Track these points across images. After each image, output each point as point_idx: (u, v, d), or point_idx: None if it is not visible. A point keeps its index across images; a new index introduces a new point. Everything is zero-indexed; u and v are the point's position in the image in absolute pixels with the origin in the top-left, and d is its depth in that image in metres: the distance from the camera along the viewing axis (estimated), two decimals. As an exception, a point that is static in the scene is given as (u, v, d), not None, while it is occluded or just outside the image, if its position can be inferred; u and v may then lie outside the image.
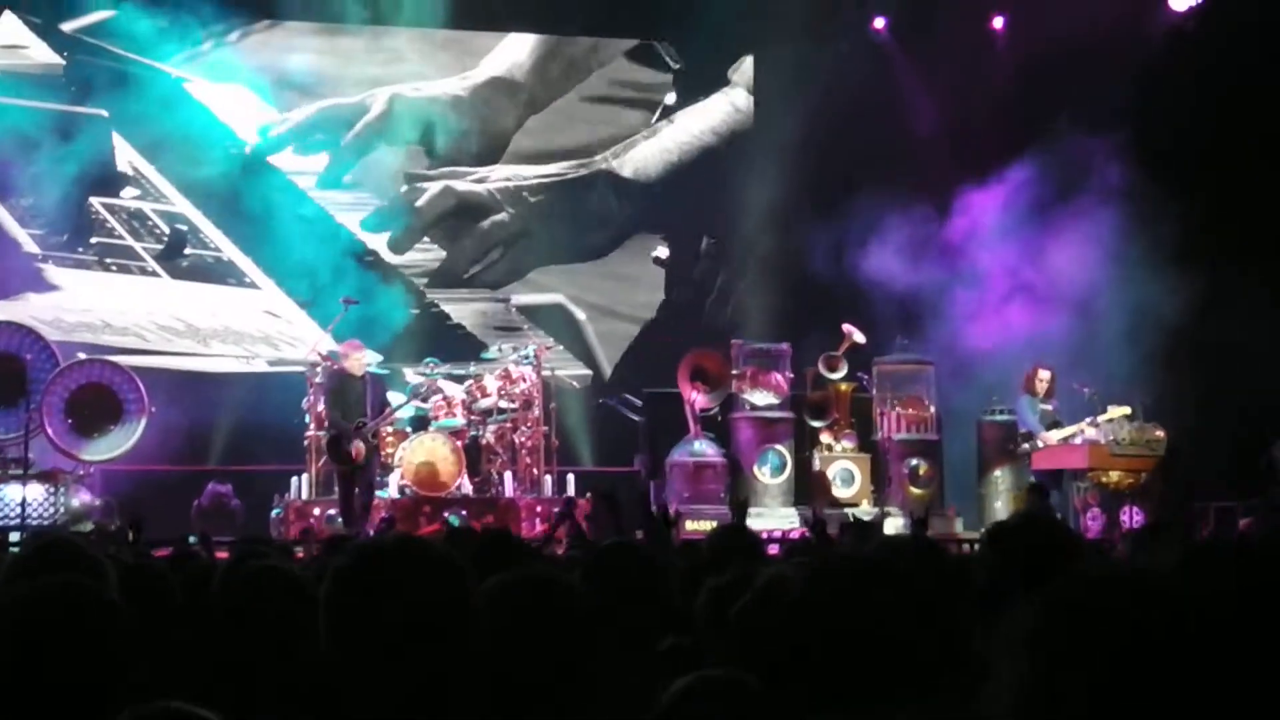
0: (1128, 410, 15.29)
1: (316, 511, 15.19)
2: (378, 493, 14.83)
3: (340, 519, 14.43)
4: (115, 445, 15.82)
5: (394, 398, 15.06)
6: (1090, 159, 17.12)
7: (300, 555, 9.06)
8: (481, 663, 2.72)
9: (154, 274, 18.49)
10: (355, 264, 18.66)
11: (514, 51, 19.75)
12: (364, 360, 14.68)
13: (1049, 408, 15.90)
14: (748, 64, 20.25)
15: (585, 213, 19.80)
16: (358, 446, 14.19)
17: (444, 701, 2.63)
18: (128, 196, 18.43)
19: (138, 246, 18.41)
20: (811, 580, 2.88)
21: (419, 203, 19.31)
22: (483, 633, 2.72)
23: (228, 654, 3.84)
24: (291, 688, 3.42)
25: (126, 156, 18.38)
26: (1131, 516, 14.95)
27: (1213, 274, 16.01)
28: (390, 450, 15.35)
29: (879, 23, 19.40)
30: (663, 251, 20.11)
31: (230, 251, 18.70)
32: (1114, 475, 15.14)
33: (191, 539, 10.82)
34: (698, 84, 20.29)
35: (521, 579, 2.94)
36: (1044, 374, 15.90)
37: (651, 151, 20.15)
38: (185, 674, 3.71)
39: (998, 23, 19.19)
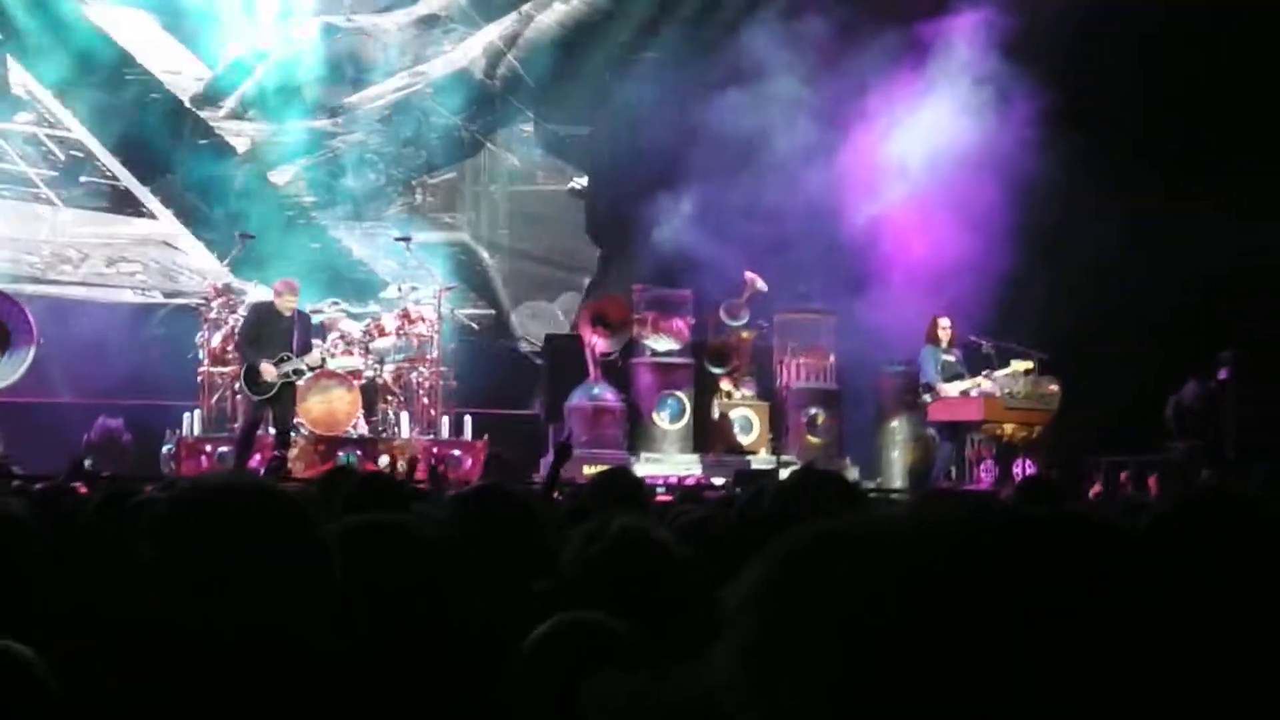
0: (1030, 365, 15.31)
1: (208, 448, 14.99)
2: (270, 429, 14.56)
3: (235, 456, 14.20)
4: (3, 376, 15.46)
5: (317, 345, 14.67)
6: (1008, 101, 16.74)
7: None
8: (330, 605, 2.64)
9: (48, 201, 18.15)
10: (257, 198, 18.38)
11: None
12: (293, 303, 14.34)
13: (951, 358, 15.80)
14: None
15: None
16: (267, 369, 13.93)
17: (281, 646, 2.55)
18: (21, 121, 18.04)
19: (31, 172, 18.05)
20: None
21: (335, 141, 19.03)
22: (331, 575, 2.64)
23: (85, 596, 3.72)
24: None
25: (21, 81, 18.01)
26: (1024, 469, 15.03)
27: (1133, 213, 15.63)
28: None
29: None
30: (579, 182, 19.84)
31: (128, 180, 18.37)
32: (1008, 428, 15.22)
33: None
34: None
35: (369, 523, 2.87)
36: (944, 323, 15.77)
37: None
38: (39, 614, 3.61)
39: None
